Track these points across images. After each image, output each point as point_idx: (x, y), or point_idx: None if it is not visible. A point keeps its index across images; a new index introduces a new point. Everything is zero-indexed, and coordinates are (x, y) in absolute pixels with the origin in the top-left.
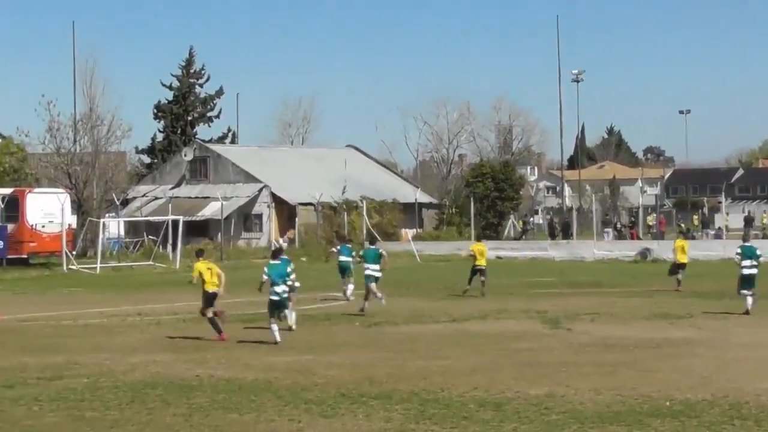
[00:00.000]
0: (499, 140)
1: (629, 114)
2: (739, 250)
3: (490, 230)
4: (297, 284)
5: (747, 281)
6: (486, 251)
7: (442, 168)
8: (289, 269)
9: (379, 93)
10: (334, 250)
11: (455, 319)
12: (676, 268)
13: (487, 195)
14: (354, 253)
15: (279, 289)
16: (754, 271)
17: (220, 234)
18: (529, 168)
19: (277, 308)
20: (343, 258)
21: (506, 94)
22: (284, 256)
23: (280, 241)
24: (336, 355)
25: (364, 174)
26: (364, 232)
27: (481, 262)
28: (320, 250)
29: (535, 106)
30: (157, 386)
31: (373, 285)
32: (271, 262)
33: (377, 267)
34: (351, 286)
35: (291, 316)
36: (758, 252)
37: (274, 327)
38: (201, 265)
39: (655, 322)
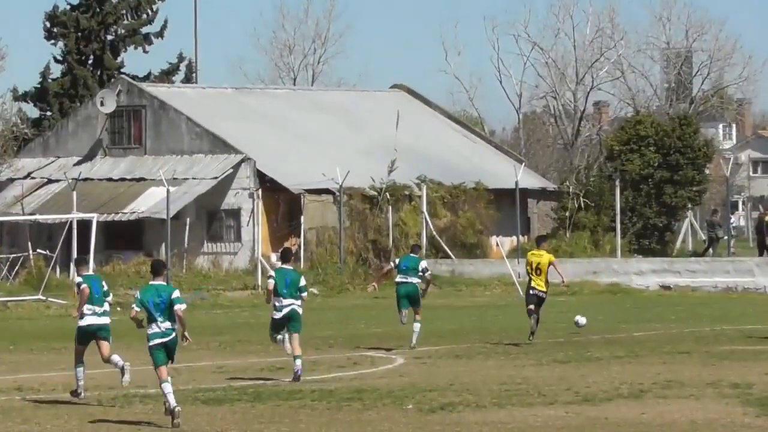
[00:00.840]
0: (669, 77)
1: None
2: None
3: (651, 238)
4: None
5: None
6: (548, 263)
7: (564, 127)
8: (303, 282)
9: None
10: (391, 264)
11: (587, 399)
12: None
13: (648, 176)
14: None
15: (287, 302)
16: None
17: (164, 245)
18: (722, 127)
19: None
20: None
21: None
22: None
23: (273, 258)
24: None
25: (424, 137)
26: (424, 241)
27: (539, 284)
28: (346, 273)
29: (731, 14)
30: None
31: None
32: (281, 266)
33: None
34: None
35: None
36: None
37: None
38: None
39: None
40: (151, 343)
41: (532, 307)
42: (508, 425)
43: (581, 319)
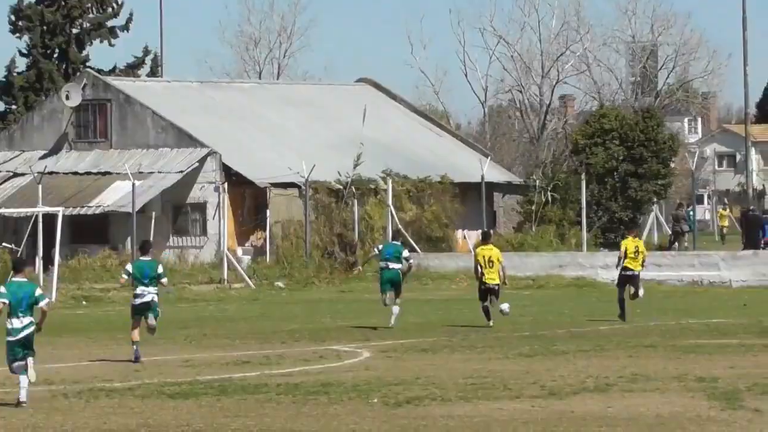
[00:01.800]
0: (634, 71)
1: None
2: None
3: (617, 232)
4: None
5: None
6: (499, 257)
7: (530, 121)
8: (160, 269)
9: None
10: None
11: (553, 393)
12: None
13: (613, 169)
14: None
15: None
16: None
17: (129, 239)
18: (687, 121)
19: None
20: None
21: None
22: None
23: (239, 251)
24: None
25: (390, 131)
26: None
27: (492, 277)
28: (311, 267)
29: (697, 8)
30: None
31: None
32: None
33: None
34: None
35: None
36: None
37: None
38: None
39: None
40: (13, 338)
41: (487, 304)
42: (474, 419)
43: (504, 306)
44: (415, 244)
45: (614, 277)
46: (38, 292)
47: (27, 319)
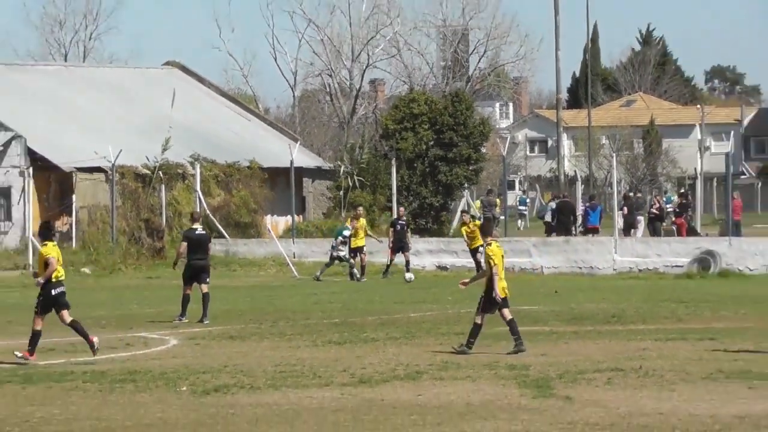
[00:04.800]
0: (445, 55)
1: (680, 9)
2: None
3: (428, 218)
4: None
5: None
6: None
7: (340, 105)
8: None
9: None
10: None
11: (363, 381)
12: None
13: (422, 154)
14: None
15: None
16: None
17: None
18: (499, 106)
19: None
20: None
21: None
22: None
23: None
24: None
25: (198, 115)
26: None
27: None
28: (118, 253)
29: None
30: None
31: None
32: None
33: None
34: None
35: None
36: None
37: None
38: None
39: (722, 385)
40: None
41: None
42: (283, 407)
43: (408, 275)
44: (223, 230)
45: (426, 264)
46: None
47: None
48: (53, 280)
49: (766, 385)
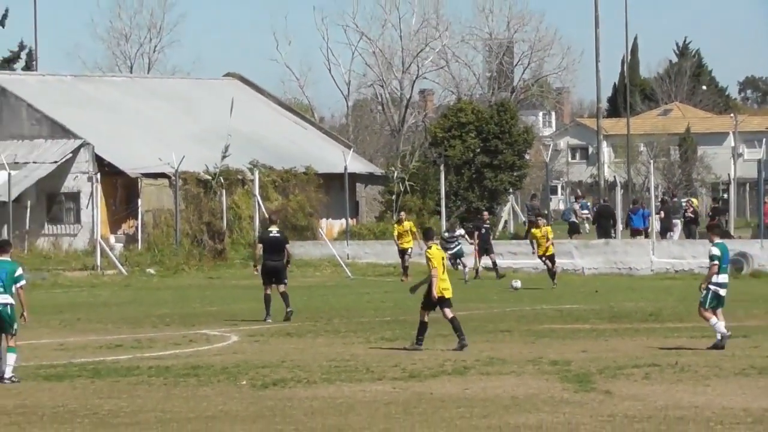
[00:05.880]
0: (491, 66)
1: (714, 22)
2: None
3: (474, 221)
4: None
5: None
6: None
7: (391, 114)
8: (19, 272)
9: None
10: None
11: (413, 375)
12: None
13: (470, 161)
14: None
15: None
16: None
17: (6, 227)
18: (542, 115)
19: None
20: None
21: None
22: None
23: (112, 239)
24: None
25: (257, 124)
26: (257, 223)
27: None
28: (181, 255)
29: (551, 6)
30: None
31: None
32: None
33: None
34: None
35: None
36: None
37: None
38: None
39: (754, 381)
40: None
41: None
42: (337, 400)
43: (516, 283)
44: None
45: (472, 264)
46: (18, 272)
47: (4, 297)
48: None
49: None
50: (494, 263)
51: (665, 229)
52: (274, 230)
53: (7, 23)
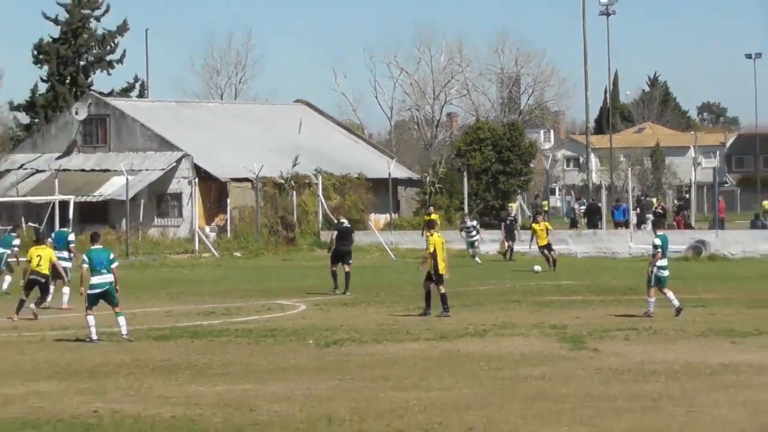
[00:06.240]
0: (502, 94)
1: (679, 59)
2: None
3: (491, 216)
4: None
5: None
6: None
7: (424, 132)
8: (111, 256)
9: (338, 28)
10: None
11: (443, 336)
12: None
13: (487, 168)
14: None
15: (102, 279)
16: None
17: (124, 220)
18: (543, 132)
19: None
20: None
21: (512, 32)
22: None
23: (207, 229)
24: (282, 384)
25: (320, 139)
26: (320, 217)
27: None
28: (261, 241)
29: (550, 47)
30: (40, 426)
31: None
32: (92, 247)
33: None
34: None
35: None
36: None
37: (92, 321)
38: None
39: (711, 341)
40: (94, 292)
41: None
42: (384, 356)
43: (536, 267)
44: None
45: (489, 250)
46: (112, 256)
47: (107, 277)
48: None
49: (745, 341)
50: (511, 249)
51: (640, 222)
52: (345, 222)
53: (125, 61)
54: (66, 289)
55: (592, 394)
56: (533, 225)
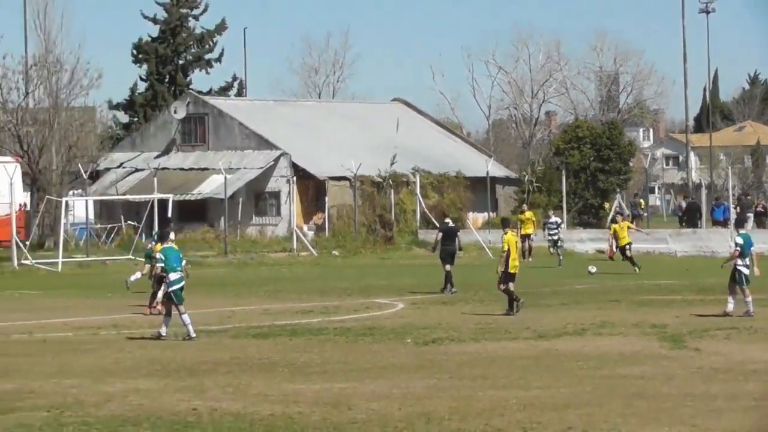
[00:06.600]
0: (601, 93)
1: None
2: None
3: (589, 214)
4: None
5: None
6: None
7: (522, 130)
8: (181, 254)
9: (436, 27)
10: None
11: (542, 336)
12: None
13: (585, 167)
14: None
15: (180, 275)
16: None
17: (223, 219)
18: (642, 131)
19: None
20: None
21: (610, 30)
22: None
23: (305, 228)
24: (381, 383)
25: (418, 138)
26: (418, 216)
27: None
28: (359, 240)
29: (649, 46)
30: (140, 423)
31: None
32: (165, 246)
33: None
34: None
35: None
36: None
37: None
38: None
39: None
40: (177, 287)
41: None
42: (482, 355)
43: (592, 268)
44: (437, 223)
45: (588, 248)
46: (181, 255)
47: (181, 273)
48: None
49: None
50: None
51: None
52: (449, 222)
53: (223, 60)
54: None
55: (692, 393)
56: (613, 225)
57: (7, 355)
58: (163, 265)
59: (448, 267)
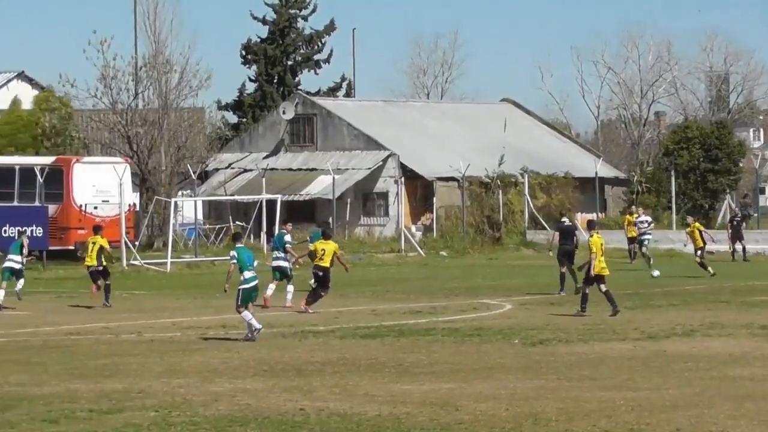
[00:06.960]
0: (711, 93)
1: None
2: None
3: (699, 215)
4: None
5: None
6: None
7: (631, 131)
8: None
9: (544, 27)
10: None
11: (651, 336)
12: None
13: (695, 167)
14: None
15: (253, 274)
16: None
17: (331, 219)
18: (752, 131)
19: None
20: None
21: (721, 30)
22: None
23: (413, 228)
24: (488, 383)
25: (526, 138)
26: (526, 216)
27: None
28: (467, 240)
29: (760, 46)
30: (247, 423)
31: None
32: (238, 246)
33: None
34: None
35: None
36: None
37: (248, 315)
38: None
39: None
40: (249, 285)
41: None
42: (590, 355)
43: (655, 272)
44: (545, 224)
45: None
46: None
47: (254, 272)
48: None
49: None
50: (743, 248)
51: None
52: (566, 221)
53: (332, 61)
54: (290, 287)
55: None
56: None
57: (117, 355)
58: (235, 262)
59: (563, 269)
